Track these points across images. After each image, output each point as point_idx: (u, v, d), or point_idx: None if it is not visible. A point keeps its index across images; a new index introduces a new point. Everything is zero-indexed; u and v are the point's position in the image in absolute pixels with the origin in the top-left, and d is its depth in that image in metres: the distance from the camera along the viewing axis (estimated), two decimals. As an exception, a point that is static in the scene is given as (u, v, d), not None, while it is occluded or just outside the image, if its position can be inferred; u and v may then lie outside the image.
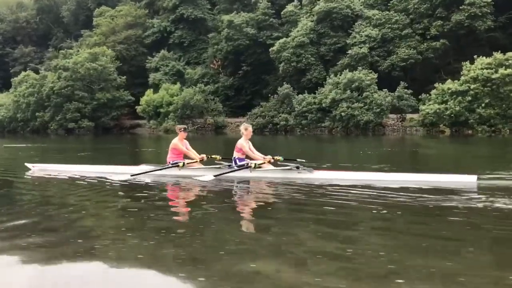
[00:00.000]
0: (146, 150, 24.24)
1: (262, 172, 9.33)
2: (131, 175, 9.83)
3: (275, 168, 9.53)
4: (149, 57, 60.63)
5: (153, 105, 51.87)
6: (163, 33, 62.80)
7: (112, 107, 55.65)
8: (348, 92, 38.16)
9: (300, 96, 42.03)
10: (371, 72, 39.71)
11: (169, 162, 10.11)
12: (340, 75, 40.35)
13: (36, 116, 55.82)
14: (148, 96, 52.55)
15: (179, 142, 10.16)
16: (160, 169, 10.10)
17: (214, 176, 9.11)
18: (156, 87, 56.50)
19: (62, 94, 53.51)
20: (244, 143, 9.51)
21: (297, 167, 9.14)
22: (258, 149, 10.09)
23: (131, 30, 63.17)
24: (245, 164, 9.42)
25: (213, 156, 10.21)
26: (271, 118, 43.13)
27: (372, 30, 43.83)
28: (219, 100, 53.48)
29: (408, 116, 39.34)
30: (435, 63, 43.36)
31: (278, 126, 42.64)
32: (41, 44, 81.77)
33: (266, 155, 9.63)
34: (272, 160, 9.36)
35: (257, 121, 43.32)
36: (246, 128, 9.65)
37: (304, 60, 46.17)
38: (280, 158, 9.49)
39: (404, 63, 41.89)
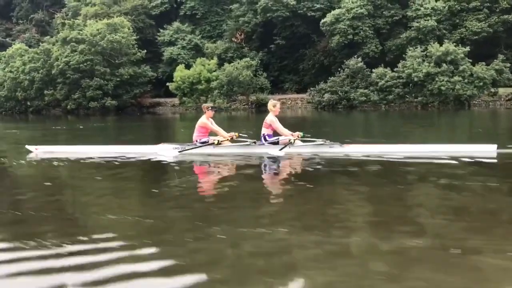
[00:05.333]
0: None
1: (294, 148, 9.51)
2: (178, 151, 9.73)
3: (305, 144, 9.70)
4: (161, 30, 55.31)
5: (188, 82, 47.00)
6: (172, 3, 57.57)
7: (133, 84, 49.97)
8: (444, 65, 36.46)
9: (379, 69, 39.67)
10: (457, 45, 38.28)
11: (196, 141, 9.97)
12: (425, 48, 38.60)
13: (44, 95, 48.87)
14: (182, 72, 47.50)
15: (208, 121, 9.99)
16: (195, 148, 9.83)
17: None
18: (173, 62, 51.77)
19: (80, 70, 47.02)
20: (274, 119, 9.70)
21: (324, 141, 9.53)
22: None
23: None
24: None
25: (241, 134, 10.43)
26: (345, 94, 40.23)
27: (436, 1, 42.46)
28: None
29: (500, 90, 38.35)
30: (497, 37, 42.88)
31: (356, 102, 39.77)
32: (2, 16, 73.14)
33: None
34: (299, 136, 9.66)
35: (327, 97, 40.44)
36: (274, 105, 9.83)
37: (362, 32, 43.99)
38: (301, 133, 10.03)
39: (476, 37, 40.99)
